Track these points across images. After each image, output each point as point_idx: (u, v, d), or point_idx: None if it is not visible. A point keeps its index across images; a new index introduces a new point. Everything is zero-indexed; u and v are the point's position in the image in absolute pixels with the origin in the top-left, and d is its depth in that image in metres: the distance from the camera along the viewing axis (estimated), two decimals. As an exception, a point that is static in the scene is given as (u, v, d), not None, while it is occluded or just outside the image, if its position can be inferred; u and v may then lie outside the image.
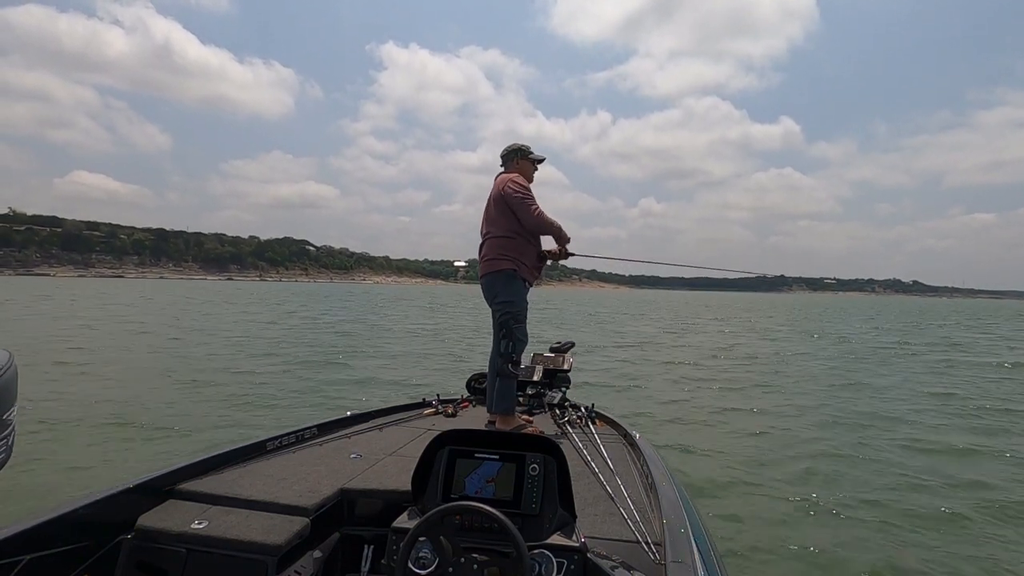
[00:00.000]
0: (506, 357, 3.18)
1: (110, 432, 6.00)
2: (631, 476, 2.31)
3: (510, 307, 3.20)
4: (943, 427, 7.32)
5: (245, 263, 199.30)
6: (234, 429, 6.24)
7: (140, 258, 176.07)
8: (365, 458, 2.44)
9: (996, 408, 8.54)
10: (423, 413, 3.39)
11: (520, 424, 3.15)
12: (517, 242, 3.24)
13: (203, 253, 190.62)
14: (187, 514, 1.82)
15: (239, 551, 1.68)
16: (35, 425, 5.98)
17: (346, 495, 2.06)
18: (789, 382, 10.72)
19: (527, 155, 3.43)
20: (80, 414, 6.61)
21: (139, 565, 1.71)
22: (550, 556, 1.50)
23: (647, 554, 1.62)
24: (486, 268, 3.30)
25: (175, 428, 6.20)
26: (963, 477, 5.19)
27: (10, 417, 1.02)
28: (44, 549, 1.55)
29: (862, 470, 5.37)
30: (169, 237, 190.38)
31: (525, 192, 3.22)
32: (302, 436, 2.66)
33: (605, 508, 1.95)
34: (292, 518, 1.82)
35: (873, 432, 6.89)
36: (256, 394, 8.29)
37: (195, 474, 2.08)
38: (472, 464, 1.70)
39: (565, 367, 3.80)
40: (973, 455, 6.02)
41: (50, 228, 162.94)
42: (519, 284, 3.24)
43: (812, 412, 7.98)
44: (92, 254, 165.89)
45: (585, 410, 3.30)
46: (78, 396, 7.62)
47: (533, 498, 1.63)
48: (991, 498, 4.65)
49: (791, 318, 37.46)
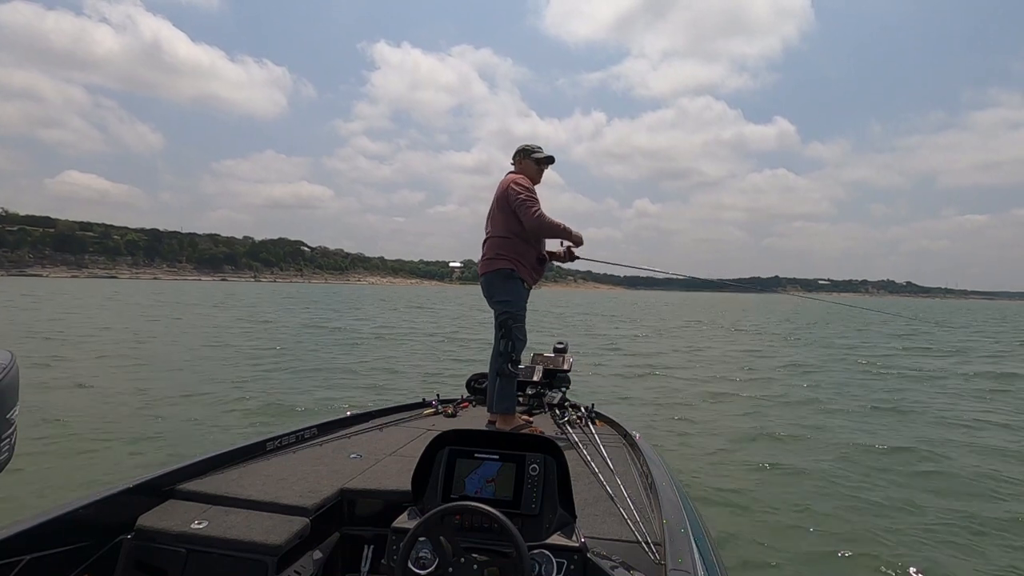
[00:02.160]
0: (505, 356, 3.19)
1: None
2: (631, 476, 2.32)
3: (508, 307, 3.21)
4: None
5: (239, 264, 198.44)
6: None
7: (134, 259, 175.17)
8: (365, 458, 2.44)
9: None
10: (423, 413, 3.40)
11: (520, 424, 3.15)
12: (516, 242, 3.25)
13: (197, 254, 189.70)
14: (187, 514, 1.82)
15: (239, 551, 1.68)
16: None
17: (346, 495, 2.06)
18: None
19: (530, 154, 3.43)
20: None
21: (139, 565, 1.71)
22: (550, 556, 1.50)
23: (647, 554, 1.62)
24: (485, 267, 3.31)
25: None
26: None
27: (12, 417, 1.03)
28: (44, 549, 1.55)
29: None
30: (163, 237, 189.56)
31: (528, 193, 3.21)
32: (302, 436, 2.66)
33: (605, 508, 1.95)
34: (292, 518, 1.82)
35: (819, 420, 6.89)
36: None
37: (195, 474, 2.08)
38: (472, 464, 1.70)
39: (565, 367, 3.80)
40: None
41: (43, 229, 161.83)
42: (517, 284, 3.25)
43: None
44: (85, 255, 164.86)
45: (585, 410, 3.31)
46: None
47: (533, 498, 1.63)
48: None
49: (767, 321, 35.82)
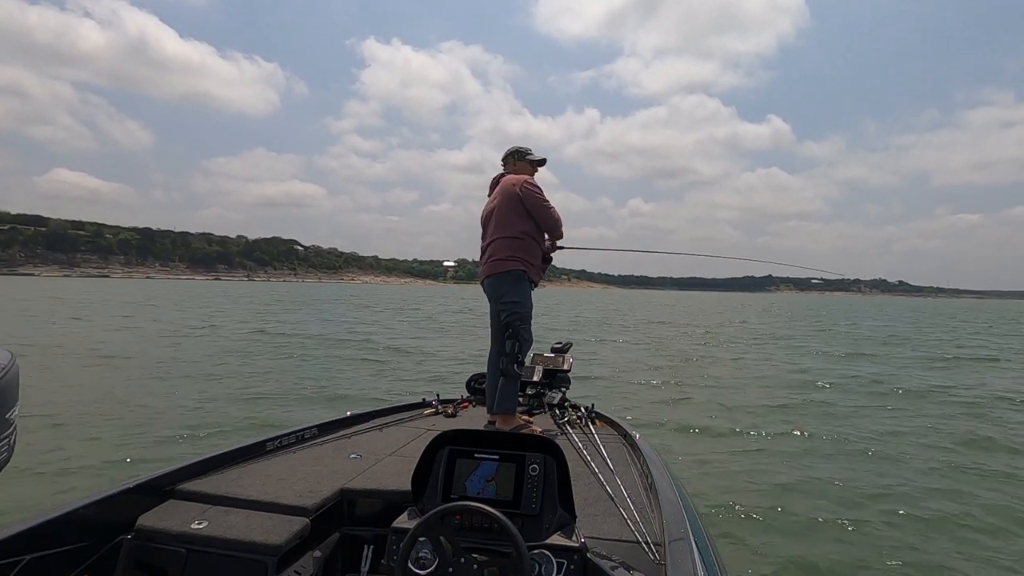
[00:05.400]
0: (512, 357, 3.17)
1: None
2: (631, 476, 2.32)
3: (517, 307, 3.20)
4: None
5: (233, 263, 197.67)
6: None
7: (126, 258, 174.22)
8: (365, 458, 2.44)
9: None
10: (423, 413, 3.40)
11: (520, 424, 3.14)
12: (527, 243, 3.26)
13: (190, 253, 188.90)
14: (187, 514, 1.82)
15: (239, 551, 1.68)
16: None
17: (346, 495, 2.06)
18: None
19: (525, 156, 3.46)
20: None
21: (139, 565, 1.71)
22: (550, 556, 1.50)
23: (647, 554, 1.63)
24: (493, 268, 3.27)
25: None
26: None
27: (12, 417, 1.03)
28: (44, 549, 1.54)
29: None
30: (156, 236, 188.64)
31: (544, 196, 3.28)
32: (302, 436, 2.66)
33: (605, 508, 1.96)
34: (292, 518, 1.82)
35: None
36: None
37: (195, 474, 2.08)
38: (472, 464, 1.70)
39: (565, 367, 3.80)
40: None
41: (34, 227, 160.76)
42: (526, 285, 3.25)
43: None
44: (77, 254, 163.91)
45: (585, 410, 3.31)
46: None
47: (533, 498, 1.63)
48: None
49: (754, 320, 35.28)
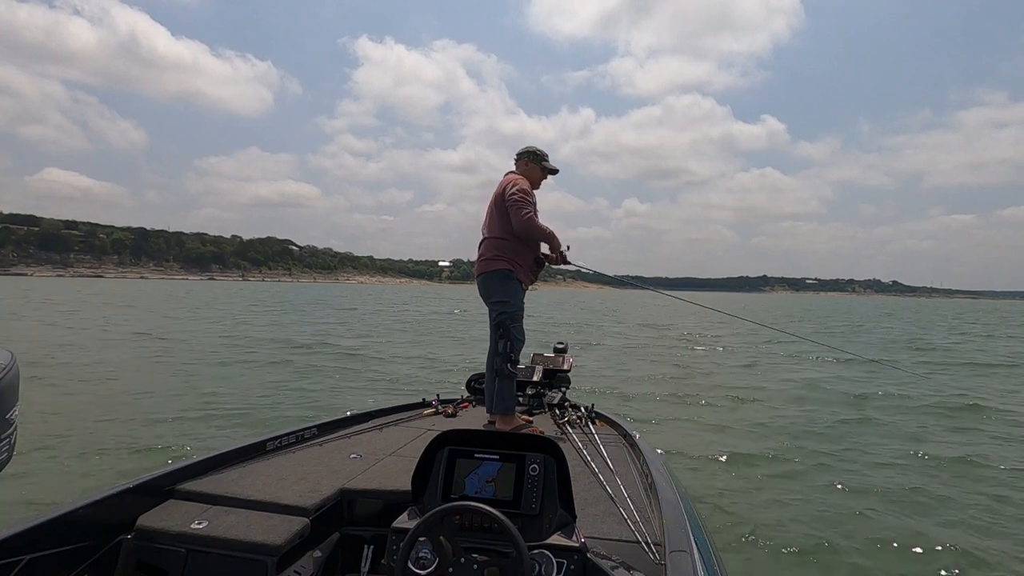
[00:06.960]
0: (504, 357, 3.19)
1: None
2: (631, 476, 2.33)
3: (506, 307, 3.22)
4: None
5: (227, 263, 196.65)
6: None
7: (120, 258, 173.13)
8: (365, 458, 2.44)
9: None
10: (423, 413, 3.40)
11: (520, 424, 3.15)
12: (514, 243, 3.26)
13: (184, 253, 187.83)
14: (187, 514, 1.82)
15: (239, 551, 1.68)
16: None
17: (346, 495, 2.06)
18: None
19: (540, 160, 3.44)
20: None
21: (139, 565, 1.71)
22: (550, 556, 1.50)
23: (647, 554, 1.64)
24: (482, 267, 3.31)
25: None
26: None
27: (12, 417, 1.03)
28: (44, 549, 1.54)
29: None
30: (149, 236, 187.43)
31: (523, 196, 3.21)
32: (302, 436, 2.66)
33: (605, 508, 1.96)
34: (292, 518, 1.82)
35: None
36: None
37: (195, 474, 2.08)
38: (472, 464, 1.70)
39: (565, 367, 3.81)
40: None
41: (27, 227, 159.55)
42: (515, 284, 3.26)
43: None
44: (71, 254, 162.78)
45: (585, 410, 3.32)
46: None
47: (533, 498, 1.64)
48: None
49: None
